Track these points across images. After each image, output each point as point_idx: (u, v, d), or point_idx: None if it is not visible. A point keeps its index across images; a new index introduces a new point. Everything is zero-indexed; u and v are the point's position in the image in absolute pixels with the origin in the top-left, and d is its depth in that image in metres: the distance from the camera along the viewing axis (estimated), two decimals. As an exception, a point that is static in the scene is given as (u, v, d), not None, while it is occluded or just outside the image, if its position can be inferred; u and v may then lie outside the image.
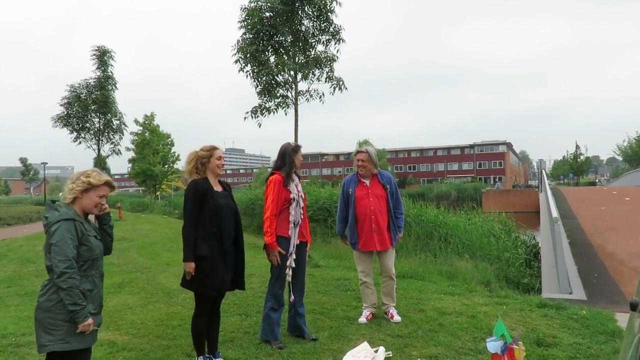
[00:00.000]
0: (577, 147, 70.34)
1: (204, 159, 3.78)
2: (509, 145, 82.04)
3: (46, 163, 50.95)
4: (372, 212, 4.84)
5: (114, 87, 16.07)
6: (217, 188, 3.83)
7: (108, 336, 4.69)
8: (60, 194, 2.80)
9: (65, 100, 15.50)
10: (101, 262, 2.84)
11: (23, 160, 64.68)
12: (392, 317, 4.92)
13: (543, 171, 34.95)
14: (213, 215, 3.67)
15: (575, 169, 70.97)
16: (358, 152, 5.02)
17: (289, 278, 4.27)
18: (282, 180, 4.27)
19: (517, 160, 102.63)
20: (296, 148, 4.41)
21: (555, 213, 9.10)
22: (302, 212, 4.37)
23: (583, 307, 5.39)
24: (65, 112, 15.50)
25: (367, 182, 4.98)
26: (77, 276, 2.59)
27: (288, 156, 4.32)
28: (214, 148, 3.83)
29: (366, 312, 4.98)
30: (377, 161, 5.06)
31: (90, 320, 2.66)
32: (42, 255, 9.49)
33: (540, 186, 32.61)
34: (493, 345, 3.08)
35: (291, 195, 4.24)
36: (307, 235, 4.48)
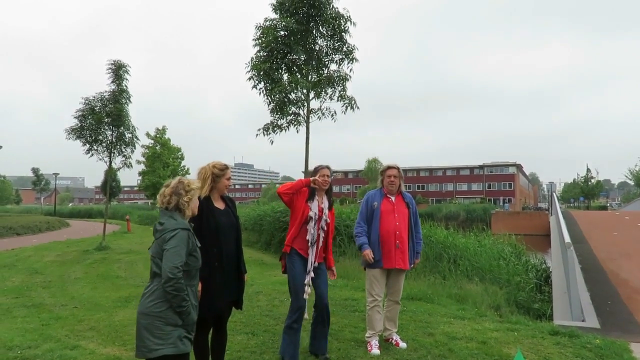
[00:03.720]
0: (589, 170, 69.60)
1: (217, 177, 3.77)
2: (519, 167, 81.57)
3: (58, 174, 51.47)
4: (396, 228, 4.72)
5: (127, 101, 16.22)
6: (219, 205, 3.78)
7: (114, 352, 4.65)
8: (160, 205, 3.02)
9: (80, 113, 15.63)
10: (199, 274, 3.01)
11: (35, 170, 65.25)
12: (397, 344, 4.79)
13: (554, 194, 34.65)
14: (213, 235, 3.61)
15: (586, 192, 70.18)
16: (388, 167, 4.90)
17: (306, 296, 4.19)
18: (306, 190, 4.31)
19: (527, 182, 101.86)
20: (315, 170, 4.45)
21: (567, 238, 8.97)
22: (324, 235, 4.33)
23: (597, 335, 5.28)
24: (79, 125, 15.63)
25: (393, 198, 4.88)
26: (183, 281, 2.72)
27: (312, 176, 4.42)
28: (226, 167, 3.83)
29: (376, 342, 4.70)
30: (403, 177, 4.97)
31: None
32: (50, 266, 9.46)
33: (551, 209, 32.29)
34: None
35: (310, 213, 4.23)
36: (322, 257, 4.39)
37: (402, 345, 4.77)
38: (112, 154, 16.08)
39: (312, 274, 4.20)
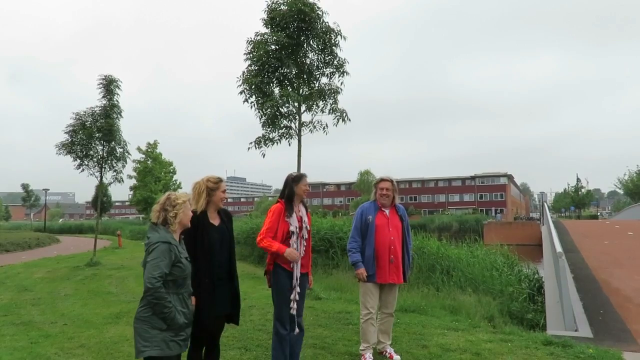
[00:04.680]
0: (579, 179, 70.65)
1: (212, 190, 3.74)
2: (510, 177, 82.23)
3: (48, 189, 51.05)
4: (391, 243, 4.69)
5: (119, 116, 16.20)
6: (215, 221, 3.75)
7: (104, 369, 4.58)
8: (152, 219, 3.19)
9: (71, 128, 15.57)
10: (189, 281, 3.20)
11: (25, 186, 64.69)
12: (391, 357, 4.77)
13: (545, 204, 34.91)
14: (205, 252, 3.59)
15: (576, 202, 70.88)
16: (381, 180, 4.86)
17: (293, 311, 4.17)
18: (282, 209, 4.19)
19: (519, 193, 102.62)
20: (297, 178, 4.29)
21: (559, 248, 9.02)
22: (305, 243, 4.31)
23: (590, 345, 5.29)
24: (70, 140, 15.56)
25: (387, 211, 4.83)
26: (162, 290, 2.93)
27: (289, 187, 4.26)
28: (220, 180, 3.80)
29: (370, 355, 4.68)
30: (398, 190, 4.93)
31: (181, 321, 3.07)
32: (40, 283, 9.38)
33: (542, 219, 32.49)
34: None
35: (290, 228, 4.14)
36: (307, 266, 4.38)
37: (396, 357, 4.75)
38: (103, 169, 16.00)
39: (298, 289, 4.17)
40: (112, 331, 6.26)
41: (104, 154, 15.91)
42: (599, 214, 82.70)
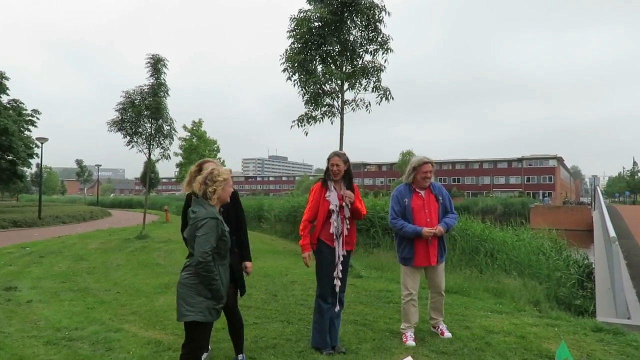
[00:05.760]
0: (635, 163, 66.79)
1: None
2: (560, 160, 78.85)
3: (100, 165, 53.43)
4: (427, 225, 4.59)
5: (165, 94, 16.62)
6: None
7: (155, 335, 4.81)
8: (195, 190, 3.28)
9: (120, 106, 16.15)
10: (229, 253, 3.31)
11: (79, 162, 67.97)
12: (442, 333, 4.77)
13: (597, 187, 33.35)
14: None
15: (632, 187, 67.24)
16: (424, 162, 4.68)
17: (337, 288, 4.24)
18: (320, 188, 4.33)
19: (568, 176, 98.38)
20: (329, 156, 4.37)
21: (612, 232, 8.62)
22: (348, 222, 4.32)
23: (643, 333, 5.05)
24: (120, 117, 16.15)
25: (422, 193, 4.73)
26: (212, 263, 3.05)
27: (326, 166, 4.39)
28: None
29: (411, 334, 4.67)
30: None
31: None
32: (94, 253, 9.89)
33: (594, 203, 31.12)
34: (556, 370, 2.91)
35: (330, 207, 4.24)
36: (352, 244, 4.40)
37: (447, 334, 4.74)
38: (151, 146, 16.54)
39: (340, 267, 4.22)
40: (161, 300, 6.55)
41: (152, 131, 16.43)
42: (656, 199, 78.19)
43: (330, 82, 10.24)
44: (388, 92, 10.31)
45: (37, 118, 31.22)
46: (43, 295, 6.88)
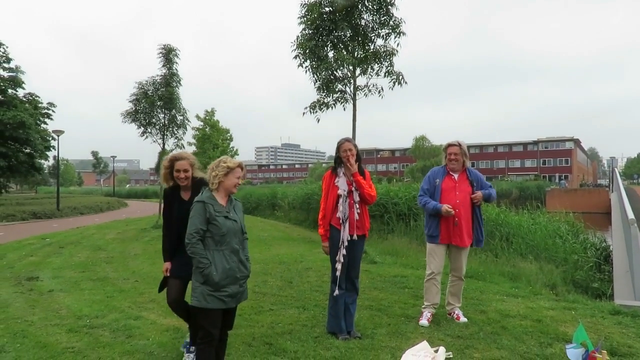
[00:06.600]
0: (655, 144, 65.19)
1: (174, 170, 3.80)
2: (576, 142, 77.51)
3: (115, 156, 54.07)
4: (456, 206, 4.66)
5: (178, 84, 16.70)
6: (185, 196, 3.82)
7: (173, 322, 4.89)
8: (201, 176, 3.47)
9: (134, 97, 16.28)
10: (234, 239, 3.20)
11: (94, 154, 68.86)
12: (457, 317, 4.79)
13: (615, 169, 32.78)
14: (171, 224, 3.83)
15: (651, 168, 65.86)
16: (449, 145, 4.85)
17: (337, 273, 4.26)
18: (330, 175, 4.41)
19: (585, 158, 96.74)
20: (339, 142, 4.40)
21: (631, 214, 8.49)
22: (358, 207, 4.33)
23: (662, 316, 5.00)
24: (134, 108, 16.29)
25: (456, 176, 4.83)
26: (199, 245, 3.09)
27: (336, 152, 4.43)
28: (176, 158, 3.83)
29: (427, 314, 4.75)
30: (468, 154, 4.87)
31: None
32: (112, 243, 10.08)
33: (612, 185, 30.62)
34: (573, 353, 2.89)
35: (338, 192, 4.31)
36: (363, 229, 4.38)
37: (463, 320, 4.77)
38: (165, 136, 16.68)
39: (344, 251, 4.24)
40: (178, 288, 6.64)
41: (166, 122, 16.56)
42: (676, 180, 76.66)
43: (342, 68, 10.16)
44: (401, 77, 10.20)
45: (53, 111, 31.68)
46: (64, 285, 7.03)
